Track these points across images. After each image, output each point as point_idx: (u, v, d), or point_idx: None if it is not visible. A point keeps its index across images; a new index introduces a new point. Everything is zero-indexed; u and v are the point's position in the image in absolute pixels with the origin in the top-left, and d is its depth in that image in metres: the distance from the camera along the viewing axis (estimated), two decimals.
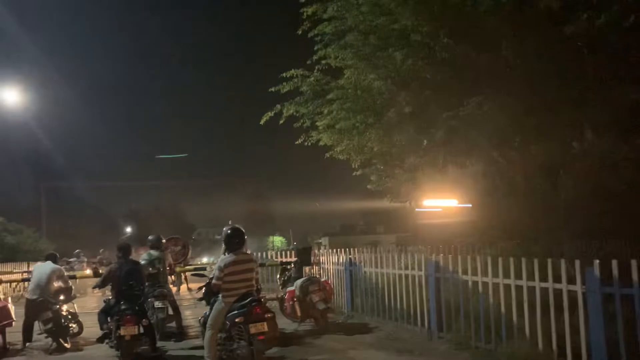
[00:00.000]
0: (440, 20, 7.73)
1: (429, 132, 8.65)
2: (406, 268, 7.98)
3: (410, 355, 6.67)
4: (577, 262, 5.28)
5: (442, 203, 14.32)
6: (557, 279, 5.55)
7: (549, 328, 5.58)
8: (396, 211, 18.40)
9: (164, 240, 9.65)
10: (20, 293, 12.09)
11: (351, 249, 9.85)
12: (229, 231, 6.21)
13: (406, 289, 7.95)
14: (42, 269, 8.24)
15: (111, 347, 7.04)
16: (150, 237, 9.03)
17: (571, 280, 5.38)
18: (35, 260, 8.71)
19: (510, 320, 6.07)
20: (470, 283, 6.74)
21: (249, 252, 6.51)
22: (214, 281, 6.11)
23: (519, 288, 6.01)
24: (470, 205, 13.84)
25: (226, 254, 6.14)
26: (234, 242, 6.14)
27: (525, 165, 8.80)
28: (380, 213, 39.19)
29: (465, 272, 6.81)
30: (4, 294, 8.39)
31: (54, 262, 8.42)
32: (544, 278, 5.69)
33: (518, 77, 7.76)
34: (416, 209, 13.46)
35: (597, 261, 5.11)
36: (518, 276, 6.01)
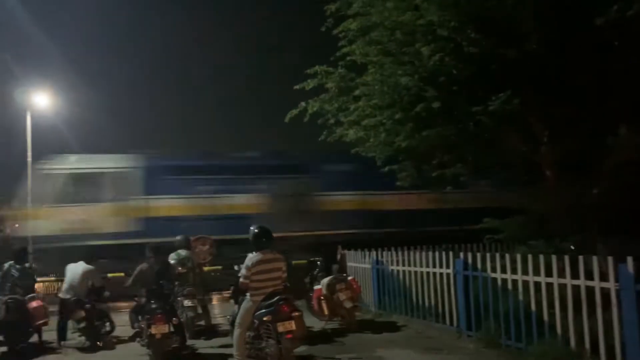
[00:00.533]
0: (467, 14, 7.66)
1: (457, 127, 8.59)
2: (434, 266, 7.97)
3: (439, 353, 6.69)
4: (610, 259, 5.21)
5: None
6: (589, 276, 5.49)
7: (581, 326, 5.53)
8: None
9: (192, 240, 9.85)
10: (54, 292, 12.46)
11: (377, 247, 9.87)
12: (256, 230, 6.31)
13: (434, 287, 7.96)
14: (75, 269, 8.50)
15: (142, 345, 7.24)
16: (178, 238, 9.23)
17: (604, 277, 5.31)
18: None
19: (541, 318, 6.03)
20: (499, 281, 6.70)
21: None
22: (241, 280, 6.22)
23: (549, 285, 5.97)
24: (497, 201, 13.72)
25: (254, 252, 6.25)
26: (261, 241, 6.24)
27: (556, 160, 8.67)
28: None
29: (494, 269, 6.78)
30: (40, 294, 8.67)
31: (87, 262, 8.67)
32: (575, 275, 5.64)
33: (547, 70, 7.66)
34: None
35: (631, 258, 5.04)
36: (548, 273, 5.97)
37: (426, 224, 14.60)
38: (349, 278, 9.23)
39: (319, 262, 9.50)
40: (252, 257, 6.19)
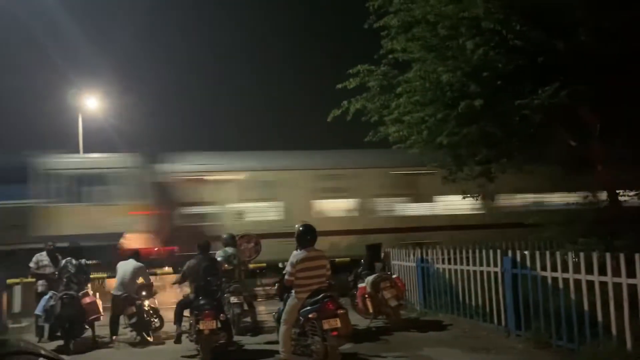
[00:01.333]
0: (513, 5, 7.48)
1: (502, 123, 8.39)
2: (481, 264, 7.80)
3: (487, 353, 6.54)
4: None
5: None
6: None
7: (638, 326, 5.30)
8: None
9: (237, 238, 9.97)
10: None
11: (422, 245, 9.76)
12: (301, 228, 6.33)
13: (481, 286, 7.78)
14: (125, 266, 8.73)
15: (191, 340, 7.37)
16: (224, 235, 9.36)
17: None
18: None
19: (595, 318, 5.80)
20: (549, 279, 6.50)
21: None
22: (286, 277, 6.26)
23: (603, 284, 5.73)
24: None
25: (298, 250, 6.27)
26: (306, 238, 6.26)
27: (607, 154, 8.36)
28: None
29: (543, 268, 6.58)
30: (93, 290, 8.94)
31: (136, 260, 8.89)
32: (631, 274, 5.40)
33: (597, 62, 7.38)
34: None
35: None
36: (602, 272, 5.74)
37: None
38: (394, 276, 9.15)
39: (362, 260, 9.44)
40: (296, 254, 6.22)
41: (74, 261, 8.56)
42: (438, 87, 8.63)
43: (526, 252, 6.98)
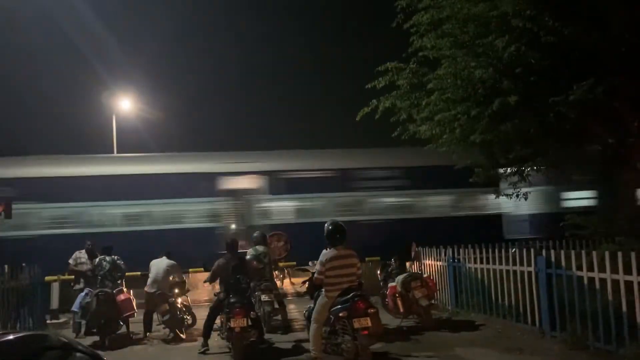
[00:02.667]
0: (543, 1, 7.31)
1: (536, 120, 8.23)
2: (514, 263, 7.66)
3: (521, 354, 6.41)
4: None
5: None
6: None
7: None
8: None
9: (268, 237, 10.03)
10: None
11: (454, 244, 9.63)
12: (330, 227, 6.32)
13: (514, 286, 7.64)
14: (159, 264, 8.87)
15: (222, 338, 7.45)
16: (255, 234, 9.43)
17: None
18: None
19: (633, 319, 5.63)
20: (585, 279, 6.34)
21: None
22: (316, 275, 6.26)
23: None
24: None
25: (328, 248, 6.26)
26: (335, 237, 6.24)
27: None
28: None
29: (579, 267, 6.42)
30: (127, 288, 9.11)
31: (169, 257, 9.02)
32: None
33: (634, 55, 7.16)
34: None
35: None
36: None
37: None
38: (424, 275, 9.07)
39: (393, 259, 9.39)
40: (326, 253, 6.20)
41: (108, 258, 8.75)
42: (470, 84, 8.50)
43: (561, 252, 6.83)
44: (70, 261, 10.00)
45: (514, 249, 7.95)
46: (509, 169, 9.83)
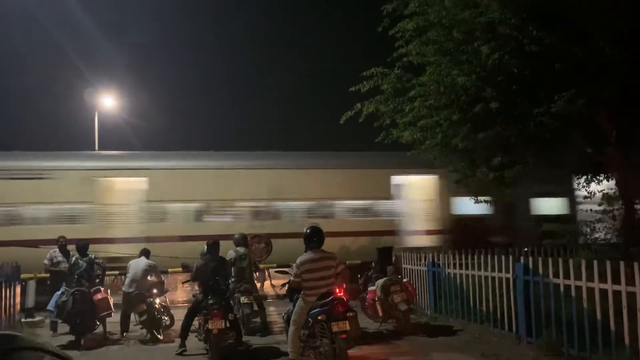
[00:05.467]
0: (529, 10, 7.40)
1: (517, 128, 8.32)
2: (492, 270, 7.73)
3: (497, 359, 6.46)
4: None
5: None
6: None
7: None
8: None
9: (249, 238, 9.98)
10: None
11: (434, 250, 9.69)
12: (308, 230, 6.31)
13: (492, 292, 7.71)
14: (137, 264, 8.78)
15: (200, 340, 7.38)
16: (236, 236, 9.37)
17: None
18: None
19: (608, 327, 5.71)
20: (561, 286, 6.41)
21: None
22: (292, 278, 6.25)
23: (617, 293, 5.64)
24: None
25: (306, 252, 6.25)
26: (312, 240, 6.23)
27: (623, 162, 8.24)
28: None
29: (556, 274, 6.50)
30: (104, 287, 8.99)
31: (147, 257, 8.93)
32: None
33: (614, 68, 7.28)
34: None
35: None
36: (616, 280, 5.64)
37: None
38: (404, 280, 9.10)
39: (373, 264, 9.40)
40: (302, 256, 6.20)
41: (84, 257, 8.62)
42: (453, 90, 8.58)
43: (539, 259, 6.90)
44: (46, 261, 9.79)
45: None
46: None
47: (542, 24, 7.28)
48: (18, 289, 9.60)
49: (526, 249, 10.44)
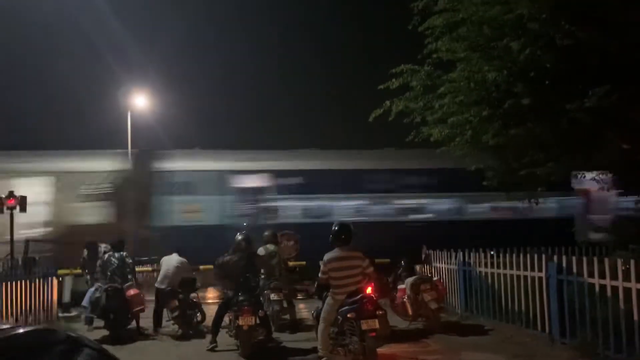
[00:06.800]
0: (560, 5, 7.24)
1: (550, 125, 8.15)
2: (525, 269, 7.58)
3: None
4: None
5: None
6: None
7: None
8: None
9: (278, 236, 10.04)
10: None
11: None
12: (336, 227, 6.30)
13: (525, 291, 7.56)
14: (169, 261, 8.92)
15: (230, 336, 7.46)
16: (266, 233, 9.42)
17: None
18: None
19: None
20: (597, 287, 6.25)
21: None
22: (320, 275, 6.26)
23: None
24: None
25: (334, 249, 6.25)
26: (340, 237, 6.22)
27: None
28: None
29: (591, 274, 6.33)
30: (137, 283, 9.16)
31: (180, 254, 9.06)
32: None
33: None
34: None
35: None
36: None
37: None
38: (434, 279, 9.02)
39: (402, 262, 9.35)
40: (328, 254, 6.21)
41: (116, 254, 8.79)
42: (483, 87, 8.46)
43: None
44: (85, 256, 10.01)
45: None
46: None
47: (574, 18, 7.11)
48: (55, 284, 9.84)
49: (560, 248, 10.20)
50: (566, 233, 13.06)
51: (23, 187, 11.57)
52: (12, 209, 10.49)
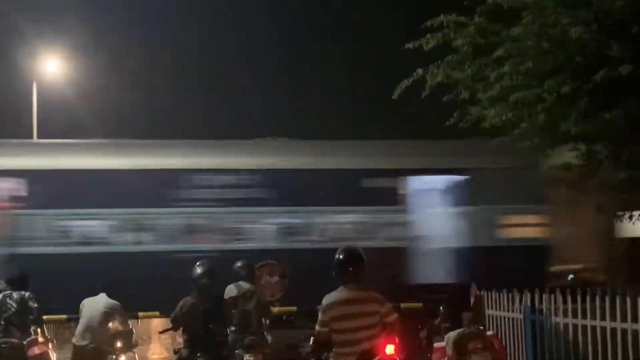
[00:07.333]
0: None
1: None
2: (635, 320, 7.46)
3: None
4: None
5: None
6: None
7: None
8: None
9: (256, 268, 9.93)
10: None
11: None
12: (340, 255, 6.19)
13: (624, 350, 7.46)
14: (93, 305, 8.79)
15: None
16: (238, 264, 9.28)
17: None
18: None
19: None
20: None
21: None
22: (317, 328, 6.14)
23: None
24: None
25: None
26: (347, 271, 6.11)
27: None
28: None
29: None
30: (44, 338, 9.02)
31: (110, 294, 8.93)
32: None
33: None
34: None
35: None
36: None
37: None
38: (489, 333, 8.92)
39: (442, 308, 9.26)
40: (330, 296, 6.07)
41: (14, 295, 8.63)
42: (562, 48, 8.56)
43: None
44: None
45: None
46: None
47: None
48: None
49: None
50: None
51: None
52: None
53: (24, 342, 8.39)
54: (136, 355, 9.26)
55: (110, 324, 8.78)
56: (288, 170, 13.33)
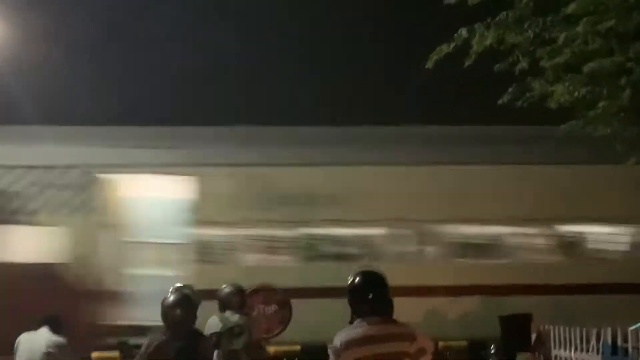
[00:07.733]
0: None
1: None
2: None
3: None
4: None
5: None
6: None
7: None
8: None
9: (247, 294, 9.96)
10: None
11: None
12: (356, 280, 6.19)
13: None
14: (33, 342, 8.83)
15: None
16: (225, 290, 9.29)
17: None
18: None
19: None
20: None
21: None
22: None
23: None
24: None
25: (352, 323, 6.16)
26: (365, 300, 6.11)
27: None
28: None
29: None
30: None
31: (55, 330, 8.98)
32: None
33: None
34: None
35: None
36: None
37: None
38: None
39: (493, 346, 9.31)
40: (345, 332, 6.08)
41: None
42: None
43: None
44: None
45: None
46: None
47: None
48: None
49: None
50: None
51: None
52: None
53: None
54: None
55: None
56: None
